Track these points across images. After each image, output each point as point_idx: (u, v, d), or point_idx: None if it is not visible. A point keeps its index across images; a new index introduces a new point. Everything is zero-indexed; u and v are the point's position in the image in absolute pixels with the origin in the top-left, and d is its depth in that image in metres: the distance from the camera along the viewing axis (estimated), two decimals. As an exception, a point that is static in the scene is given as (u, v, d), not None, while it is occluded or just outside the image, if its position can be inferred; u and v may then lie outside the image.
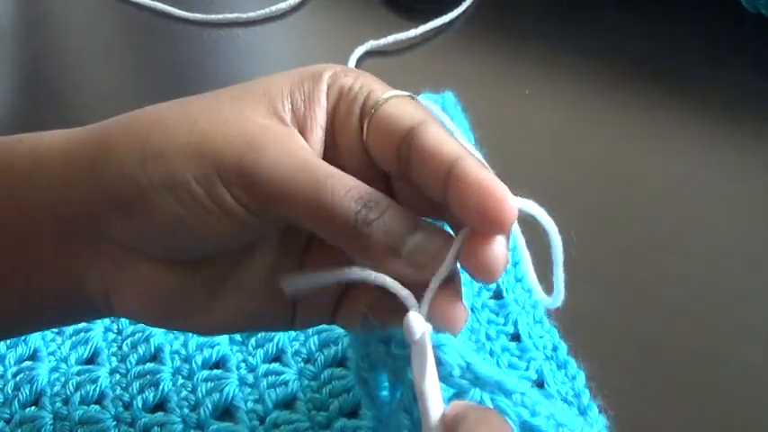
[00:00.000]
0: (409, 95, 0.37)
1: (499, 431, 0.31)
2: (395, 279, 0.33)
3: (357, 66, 0.65)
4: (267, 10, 0.70)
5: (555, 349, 0.46)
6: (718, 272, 0.51)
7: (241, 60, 0.68)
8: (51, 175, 0.36)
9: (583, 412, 0.44)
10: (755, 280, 0.51)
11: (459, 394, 0.33)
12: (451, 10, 0.69)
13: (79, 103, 0.66)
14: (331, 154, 0.37)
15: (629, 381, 0.46)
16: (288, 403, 0.45)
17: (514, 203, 0.33)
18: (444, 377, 0.33)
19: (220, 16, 0.70)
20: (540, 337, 0.47)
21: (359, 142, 0.36)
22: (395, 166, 0.36)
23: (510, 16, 0.69)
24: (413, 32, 0.67)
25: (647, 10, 0.68)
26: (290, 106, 0.36)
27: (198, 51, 0.69)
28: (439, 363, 0.32)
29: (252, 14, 0.70)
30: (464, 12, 0.69)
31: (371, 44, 0.66)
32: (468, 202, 0.33)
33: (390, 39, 0.66)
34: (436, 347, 0.33)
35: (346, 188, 0.34)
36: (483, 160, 0.35)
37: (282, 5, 0.71)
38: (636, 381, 0.46)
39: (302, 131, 0.36)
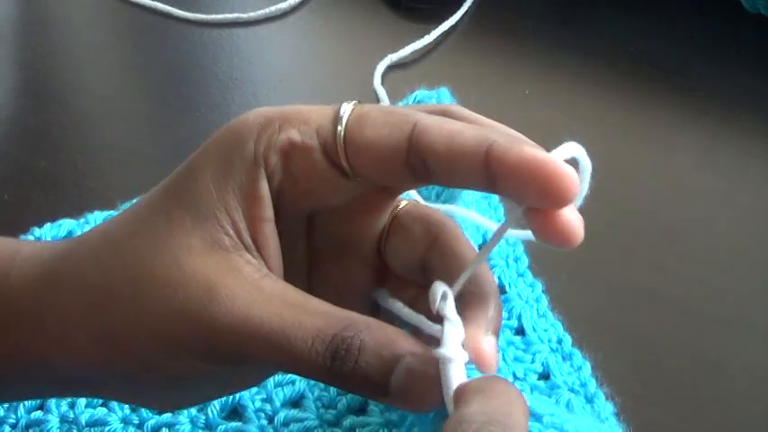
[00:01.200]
0: (354, 103, 0.34)
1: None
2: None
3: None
4: (267, 10, 0.70)
5: (560, 341, 0.47)
6: (719, 272, 0.51)
7: (241, 60, 0.68)
8: (23, 321, 0.35)
9: (590, 400, 0.44)
10: (755, 280, 0.51)
11: None
12: (451, 10, 0.69)
13: (79, 103, 0.66)
14: (297, 209, 0.35)
15: (628, 380, 0.46)
16: (296, 402, 0.45)
17: (572, 174, 0.30)
18: None
19: (220, 16, 0.70)
20: (545, 330, 0.47)
21: (338, 179, 0.34)
22: (408, 180, 0.33)
23: (510, 16, 0.69)
24: (426, 39, 0.66)
25: (647, 10, 0.68)
26: (227, 221, 0.33)
27: (198, 51, 0.69)
28: None
29: (252, 14, 0.70)
30: (465, 12, 0.69)
31: (391, 58, 0.65)
32: (525, 187, 0.30)
33: (408, 49, 0.66)
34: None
35: (309, 340, 0.31)
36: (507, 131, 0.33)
37: (282, 5, 0.71)
38: (635, 380, 0.46)
39: (249, 243, 0.33)
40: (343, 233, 0.36)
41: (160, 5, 0.71)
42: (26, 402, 0.45)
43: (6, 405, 0.45)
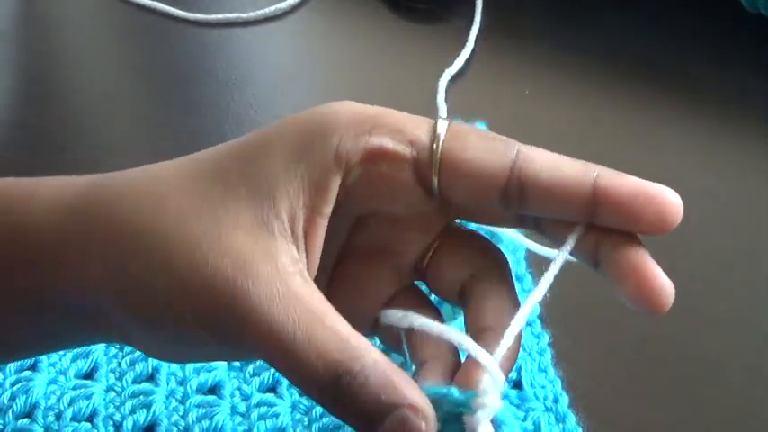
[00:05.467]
0: (449, 121, 0.33)
1: None
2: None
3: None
4: (267, 10, 0.70)
5: (556, 401, 0.45)
6: (719, 272, 0.51)
7: (241, 60, 0.68)
8: (43, 255, 0.34)
9: None
10: (755, 280, 0.51)
11: None
12: (451, 10, 0.69)
13: (79, 103, 0.66)
14: (355, 209, 0.34)
15: (628, 380, 0.46)
16: (271, 388, 0.45)
17: (679, 202, 0.32)
18: None
19: (220, 16, 0.70)
20: (542, 387, 0.45)
21: (418, 193, 0.33)
22: (494, 206, 0.33)
23: (510, 17, 0.69)
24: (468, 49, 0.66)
25: (648, 10, 0.68)
26: (285, 205, 0.32)
27: (198, 51, 0.69)
28: None
29: (252, 14, 0.70)
30: (465, 13, 0.69)
31: (450, 72, 0.64)
32: (641, 216, 0.32)
33: (461, 60, 0.65)
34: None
35: (314, 356, 0.30)
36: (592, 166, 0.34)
37: (282, 5, 0.71)
38: (635, 380, 0.46)
39: (299, 234, 0.32)
40: (388, 240, 0.36)
41: (160, 5, 0.71)
42: (15, 408, 0.45)
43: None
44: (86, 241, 0.33)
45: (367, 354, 0.31)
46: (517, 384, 0.46)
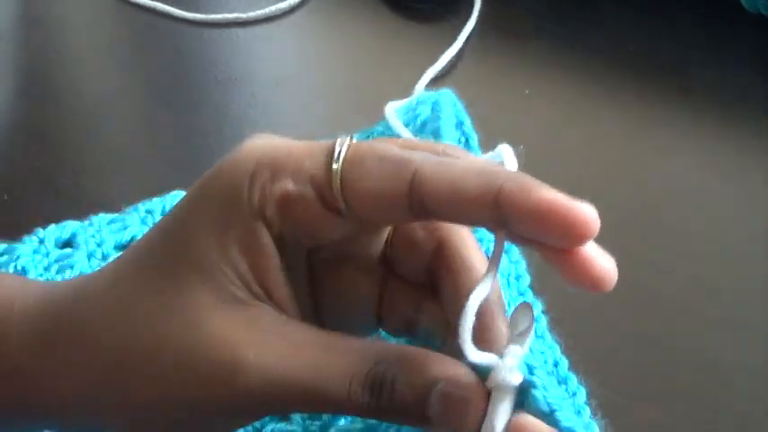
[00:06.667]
0: (347, 140, 0.33)
1: None
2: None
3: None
4: (267, 10, 0.70)
5: (556, 365, 0.45)
6: (719, 272, 0.51)
7: (241, 60, 0.68)
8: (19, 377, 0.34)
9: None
10: (755, 280, 0.51)
11: None
12: (451, 10, 0.69)
13: (79, 103, 0.66)
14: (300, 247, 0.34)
15: (628, 380, 0.46)
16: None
17: (588, 210, 0.30)
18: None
19: (220, 16, 0.70)
20: (541, 353, 0.45)
21: (338, 222, 0.33)
22: (413, 225, 0.34)
23: (510, 16, 0.69)
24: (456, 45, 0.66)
25: (648, 10, 0.68)
26: (234, 276, 0.32)
27: (198, 51, 0.69)
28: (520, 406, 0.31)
29: (252, 14, 0.70)
30: (464, 13, 0.69)
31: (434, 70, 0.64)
32: (542, 230, 0.30)
33: (445, 61, 0.65)
34: (527, 391, 0.32)
35: (346, 383, 0.31)
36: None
37: (282, 5, 0.71)
38: (635, 380, 0.46)
39: (259, 292, 0.33)
40: (345, 252, 0.36)
41: (160, 5, 0.71)
42: None
43: None
44: (63, 370, 0.33)
45: (387, 351, 0.31)
46: None
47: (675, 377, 0.46)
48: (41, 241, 0.51)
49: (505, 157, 0.34)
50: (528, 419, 0.31)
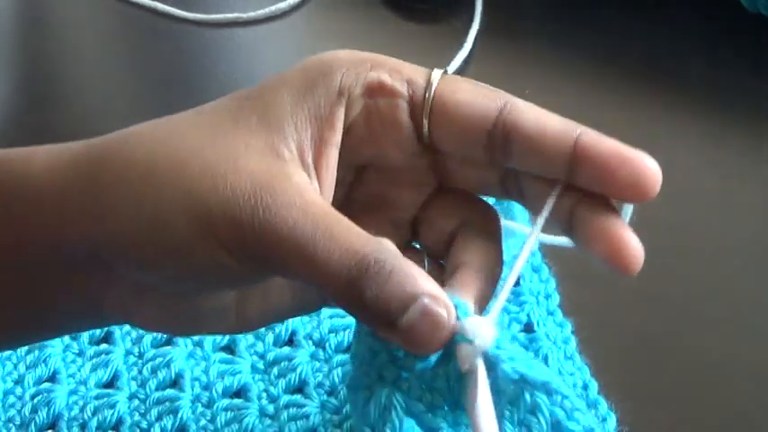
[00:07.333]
0: (444, 71, 0.35)
1: None
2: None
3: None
4: (267, 10, 0.70)
5: (585, 387, 0.45)
6: (719, 272, 0.51)
7: (241, 60, 0.68)
8: (46, 206, 0.34)
9: None
10: (755, 280, 0.51)
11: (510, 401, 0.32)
12: (450, 10, 0.69)
13: (79, 103, 0.66)
14: (354, 155, 0.35)
15: (628, 380, 0.46)
16: (298, 388, 0.45)
17: (658, 171, 0.33)
18: (496, 393, 0.31)
19: (220, 16, 0.70)
20: (571, 374, 0.45)
21: (410, 135, 0.35)
22: (480, 154, 0.34)
23: (510, 16, 0.69)
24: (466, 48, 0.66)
25: (647, 10, 0.68)
26: (294, 136, 0.33)
27: (198, 51, 0.69)
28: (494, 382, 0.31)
29: (252, 14, 0.70)
30: (464, 13, 0.69)
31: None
32: (611, 172, 0.32)
33: (459, 60, 0.65)
34: (494, 364, 0.31)
35: (337, 251, 0.31)
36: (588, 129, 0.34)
37: (282, 5, 0.71)
38: (635, 380, 0.46)
39: (309, 163, 0.33)
40: (385, 194, 0.37)
41: (160, 5, 0.71)
42: (37, 420, 0.45)
43: (18, 422, 0.45)
44: (93, 192, 0.33)
45: (388, 246, 0.32)
46: (528, 328, 0.47)
47: (676, 377, 0.46)
48: None
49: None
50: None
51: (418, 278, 0.31)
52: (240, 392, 0.46)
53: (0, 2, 0.74)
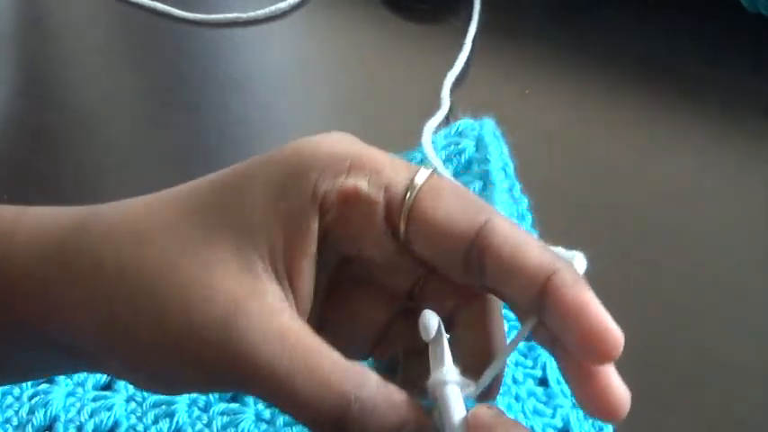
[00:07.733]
0: (431, 170, 0.33)
1: None
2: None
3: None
4: (267, 10, 0.70)
5: (600, 430, 0.44)
6: (718, 272, 0.51)
7: (241, 60, 0.68)
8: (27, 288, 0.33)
9: None
10: (755, 280, 0.51)
11: None
12: (451, 10, 0.69)
13: (79, 103, 0.66)
14: (332, 253, 0.33)
15: (627, 380, 0.46)
16: None
17: (619, 334, 0.31)
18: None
19: (220, 16, 0.70)
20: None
21: (388, 237, 0.33)
22: (457, 266, 0.32)
23: (510, 17, 0.69)
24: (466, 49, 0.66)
25: (647, 10, 0.68)
26: (266, 248, 0.32)
27: (198, 51, 0.69)
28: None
29: (252, 14, 0.70)
30: (464, 13, 0.69)
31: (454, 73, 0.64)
32: (572, 329, 0.30)
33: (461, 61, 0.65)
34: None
35: (316, 388, 0.30)
36: (575, 270, 0.32)
37: (282, 5, 0.71)
38: (635, 380, 0.46)
39: (283, 273, 0.32)
40: (375, 278, 0.35)
41: (160, 5, 0.71)
42: (34, 422, 0.45)
43: (15, 423, 0.45)
44: (70, 287, 0.33)
45: (369, 379, 0.31)
46: (543, 382, 0.46)
47: (676, 377, 0.46)
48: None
49: (576, 262, 0.34)
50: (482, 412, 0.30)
51: (401, 405, 0.30)
52: (236, 397, 0.46)
53: (0, 2, 0.74)
